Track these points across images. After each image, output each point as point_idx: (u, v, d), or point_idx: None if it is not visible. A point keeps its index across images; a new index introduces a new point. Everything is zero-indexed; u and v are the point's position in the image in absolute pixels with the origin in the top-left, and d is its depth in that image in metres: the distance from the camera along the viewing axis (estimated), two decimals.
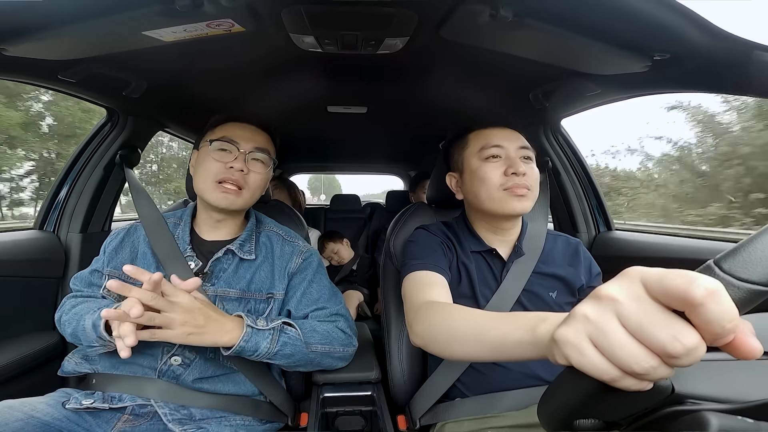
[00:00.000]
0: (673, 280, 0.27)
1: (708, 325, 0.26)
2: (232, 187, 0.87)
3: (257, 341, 0.76)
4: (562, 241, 0.98)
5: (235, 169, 0.87)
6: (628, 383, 0.29)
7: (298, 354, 0.82)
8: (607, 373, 0.29)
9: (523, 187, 0.83)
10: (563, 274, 0.90)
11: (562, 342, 0.32)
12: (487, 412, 0.81)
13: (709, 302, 0.26)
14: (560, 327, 0.33)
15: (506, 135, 0.88)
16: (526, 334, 0.46)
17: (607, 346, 0.29)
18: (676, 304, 0.27)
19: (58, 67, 0.91)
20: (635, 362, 0.28)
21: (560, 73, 0.99)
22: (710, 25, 0.64)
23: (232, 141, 0.88)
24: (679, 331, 0.27)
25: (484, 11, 0.70)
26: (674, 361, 0.27)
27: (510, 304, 0.85)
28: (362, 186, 16.82)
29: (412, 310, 0.75)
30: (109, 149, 1.30)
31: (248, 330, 0.76)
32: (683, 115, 10.97)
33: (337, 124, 1.79)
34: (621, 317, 0.29)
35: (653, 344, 0.27)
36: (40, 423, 0.70)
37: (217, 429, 0.81)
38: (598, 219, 1.49)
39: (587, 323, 0.31)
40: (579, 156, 1.46)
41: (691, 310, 0.26)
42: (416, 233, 0.95)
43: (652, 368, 0.28)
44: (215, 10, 0.71)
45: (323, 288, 0.96)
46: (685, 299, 0.26)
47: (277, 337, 0.79)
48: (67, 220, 1.29)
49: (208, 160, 0.88)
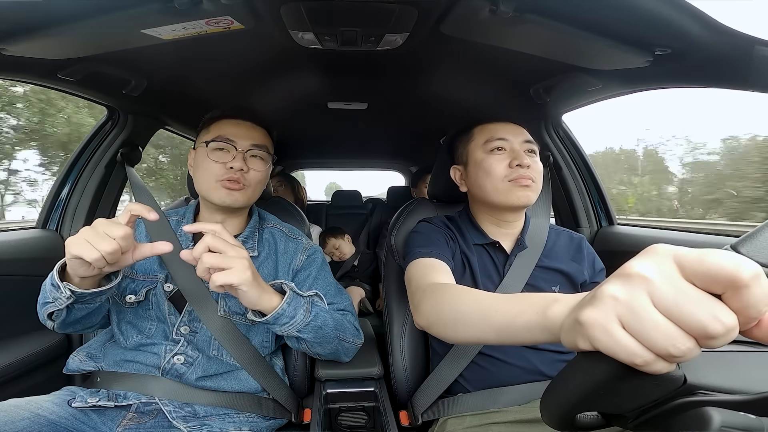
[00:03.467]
0: (718, 261, 0.26)
1: (747, 308, 0.26)
2: (235, 184, 0.87)
3: (296, 307, 0.77)
4: (566, 236, 0.98)
5: (235, 169, 0.86)
6: (659, 366, 0.28)
7: (326, 328, 0.82)
8: (640, 356, 0.28)
9: (527, 179, 0.84)
10: (566, 269, 0.90)
11: (589, 324, 0.30)
12: (489, 407, 0.81)
13: (755, 284, 0.25)
14: (586, 308, 0.31)
15: (511, 129, 0.89)
16: (536, 316, 0.43)
17: (640, 327, 0.28)
18: (716, 285, 0.26)
19: (58, 66, 0.91)
20: (671, 344, 0.27)
21: (561, 68, 0.99)
22: (711, 20, 0.63)
23: (228, 140, 0.88)
24: (719, 311, 0.26)
25: (485, 7, 0.70)
26: (711, 342, 0.26)
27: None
28: (363, 187, 16.48)
29: (418, 292, 0.74)
30: (110, 148, 1.30)
31: (290, 294, 0.76)
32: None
33: (338, 120, 1.79)
34: (654, 297, 0.28)
35: (691, 325, 0.26)
36: (47, 421, 0.71)
37: (221, 426, 0.81)
38: (600, 213, 1.48)
39: (617, 303, 0.29)
40: (580, 150, 1.45)
41: (734, 292, 0.26)
42: (420, 225, 0.95)
43: (689, 350, 0.27)
44: (214, 7, 0.70)
45: (328, 284, 0.96)
46: (732, 281, 0.25)
47: (310, 307, 0.80)
48: (69, 218, 1.29)
49: (207, 162, 0.87)
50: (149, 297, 0.85)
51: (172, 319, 0.85)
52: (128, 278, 0.86)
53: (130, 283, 0.86)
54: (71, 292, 0.69)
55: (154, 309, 0.85)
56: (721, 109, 58.70)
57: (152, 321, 0.86)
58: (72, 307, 0.74)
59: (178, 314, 0.85)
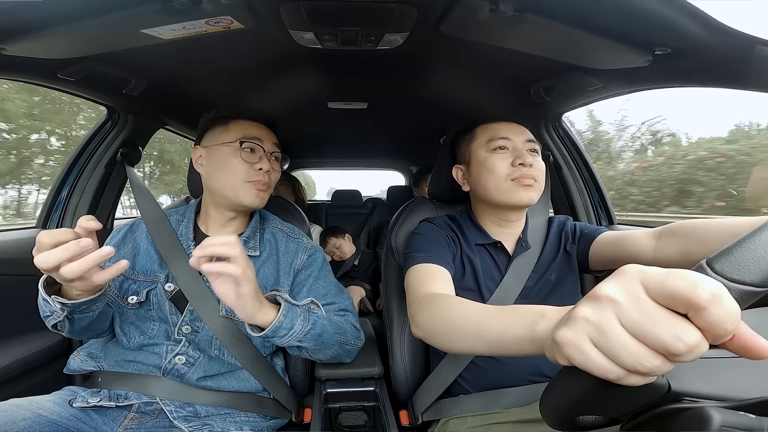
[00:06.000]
0: (677, 284, 0.27)
1: (711, 327, 0.26)
2: (264, 186, 0.88)
3: (293, 318, 0.76)
4: (555, 222, 0.99)
5: (264, 170, 0.88)
6: (633, 380, 0.30)
7: (325, 334, 0.82)
8: (612, 372, 0.29)
9: (530, 178, 0.84)
10: (559, 254, 0.92)
11: (563, 343, 0.32)
12: (491, 408, 0.82)
13: (712, 306, 0.26)
14: (561, 329, 0.33)
15: (513, 128, 0.90)
16: (525, 331, 0.45)
17: (609, 347, 0.29)
18: (678, 306, 0.27)
19: (58, 65, 0.90)
20: (638, 362, 0.28)
21: (561, 67, 0.99)
22: (711, 19, 0.63)
23: (256, 139, 0.89)
24: (680, 330, 0.27)
25: (485, 6, 0.70)
26: (677, 358, 0.28)
27: (514, 297, 0.86)
28: (361, 188, 15.49)
29: (415, 301, 0.75)
30: (110, 147, 1.30)
31: (285, 305, 0.76)
32: None
33: (338, 120, 1.79)
34: (621, 318, 0.29)
35: (655, 344, 0.28)
36: (48, 421, 0.71)
37: (222, 425, 0.81)
38: (600, 213, 1.48)
39: (587, 325, 0.31)
40: (580, 150, 1.45)
41: (695, 313, 0.26)
42: (421, 226, 0.95)
43: (656, 367, 0.28)
44: (214, 7, 0.70)
45: (329, 284, 0.96)
46: (689, 303, 0.26)
47: (307, 315, 0.79)
48: (69, 218, 1.29)
49: (235, 161, 0.86)
50: (150, 297, 0.85)
51: (174, 319, 0.85)
52: (129, 279, 0.86)
53: (132, 284, 0.86)
54: (62, 304, 0.69)
55: (155, 309, 0.85)
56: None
57: (154, 321, 0.86)
58: (72, 317, 0.74)
59: (180, 314, 0.85)
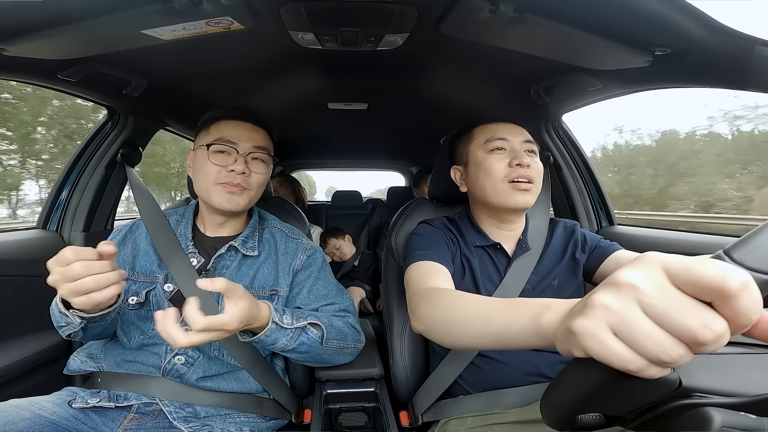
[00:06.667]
0: (704, 272, 0.26)
1: (738, 316, 0.26)
2: (236, 188, 0.86)
3: (277, 337, 0.76)
4: (560, 226, 0.98)
5: (237, 172, 0.86)
6: (652, 372, 0.29)
7: (312, 352, 0.82)
8: (633, 363, 0.28)
9: (527, 179, 0.84)
10: (564, 260, 0.91)
11: (581, 333, 0.31)
12: (491, 408, 0.81)
13: (742, 294, 0.25)
14: (576, 318, 0.32)
15: (511, 129, 0.90)
16: (529, 323, 0.44)
17: (631, 335, 0.28)
18: (704, 295, 0.27)
19: (58, 66, 0.91)
20: (662, 351, 0.27)
21: (561, 68, 0.99)
22: (711, 20, 0.63)
23: (229, 143, 0.86)
24: (708, 319, 0.26)
25: (485, 7, 0.70)
26: (702, 348, 0.27)
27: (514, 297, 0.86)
28: (359, 188, 15.75)
29: (415, 296, 0.74)
30: (110, 148, 1.31)
31: (272, 326, 0.75)
32: None
33: (338, 120, 1.79)
34: (644, 305, 0.28)
35: (682, 333, 0.27)
36: (48, 422, 0.71)
37: (221, 426, 0.81)
38: (600, 213, 1.48)
39: (607, 312, 0.29)
40: (580, 150, 1.45)
41: (722, 301, 0.26)
42: (420, 227, 0.95)
43: (680, 356, 0.27)
44: (214, 8, 0.70)
45: (329, 284, 0.96)
46: (718, 291, 0.26)
47: (297, 335, 0.79)
48: (69, 219, 1.30)
49: (207, 164, 0.86)
50: (149, 298, 0.85)
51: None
52: (130, 280, 0.86)
53: (132, 284, 0.86)
54: (81, 318, 0.70)
55: (155, 310, 0.85)
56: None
57: (154, 321, 0.86)
58: (86, 326, 0.74)
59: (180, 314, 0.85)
